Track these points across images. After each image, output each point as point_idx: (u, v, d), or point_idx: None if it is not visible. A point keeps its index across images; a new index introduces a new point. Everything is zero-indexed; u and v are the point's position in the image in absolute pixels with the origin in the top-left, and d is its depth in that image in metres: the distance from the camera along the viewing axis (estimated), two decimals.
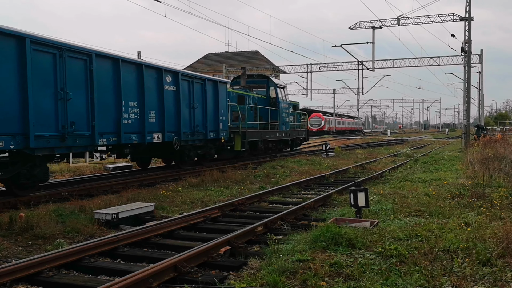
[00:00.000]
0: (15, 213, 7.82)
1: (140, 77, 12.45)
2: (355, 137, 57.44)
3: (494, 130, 43.38)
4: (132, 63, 12.40)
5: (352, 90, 70.71)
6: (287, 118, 23.14)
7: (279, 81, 24.26)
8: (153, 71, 13.22)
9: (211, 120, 16.03)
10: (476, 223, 6.85)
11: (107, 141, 11.24)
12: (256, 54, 62.78)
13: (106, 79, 11.18)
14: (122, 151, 12.92)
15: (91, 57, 10.59)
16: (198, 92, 15.34)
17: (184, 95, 14.48)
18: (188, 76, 15.00)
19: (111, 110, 11.39)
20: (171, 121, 13.77)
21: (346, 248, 5.69)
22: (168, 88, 13.69)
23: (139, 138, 12.42)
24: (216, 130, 16.45)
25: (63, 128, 9.75)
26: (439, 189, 10.43)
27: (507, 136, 18.28)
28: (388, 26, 35.98)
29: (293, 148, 25.63)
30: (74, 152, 10.56)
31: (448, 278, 4.62)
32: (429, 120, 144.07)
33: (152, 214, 8.48)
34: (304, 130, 26.54)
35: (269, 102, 21.94)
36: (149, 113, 12.79)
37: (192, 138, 15.09)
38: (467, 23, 27.99)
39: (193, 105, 14.98)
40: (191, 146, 15.51)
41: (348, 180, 13.57)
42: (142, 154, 15.16)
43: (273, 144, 22.11)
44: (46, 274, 5.11)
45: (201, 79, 15.75)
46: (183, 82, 14.48)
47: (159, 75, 13.37)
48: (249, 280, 4.78)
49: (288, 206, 9.34)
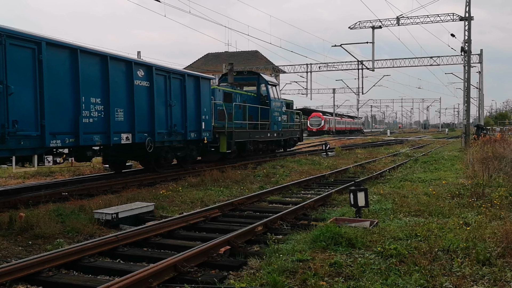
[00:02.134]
0: (15, 212, 7.81)
1: (105, 71, 11.02)
2: (355, 137, 57.44)
3: (494, 130, 43.36)
4: (95, 54, 10.91)
5: (352, 90, 70.77)
6: (280, 117, 22.07)
7: (271, 78, 23.06)
8: (122, 64, 11.79)
9: (191, 119, 14.74)
10: (475, 223, 6.85)
11: (62, 142, 9.74)
12: (256, 54, 62.73)
13: (60, 71, 9.74)
14: (83, 154, 11.07)
15: (40, 45, 9.14)
16: (176, 88, 14.00)
17: (159, 91, 13.13)
18: (163, 70, 13.53)
19: (67, 108, 9.91)
20: (143, 120, 12.42)
21: (346, 248, 5.69)
22: (139, 84, 12.29)
23: (104, 139, 10.99)
24: (198, 130, 15.18)
25: (2, 128, 8.32)
26: (439, 188, 10.43)
27: (507, 136, 18.29)
28: (388, 26, 36.00)
29: (287, 149, 24.47)
30: (19, 155, 9.03)
31: (448, 278, 4.62)
32: (429, 120, 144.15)
33: (152, 214, 8.48)
34: (298, 130, 25.26)
35: (260, 100, 20.88)
36: (116, 111, 11.38)
37: (169, 139, 13.73)
38: (466, 22, 28.00)
39: (170, 103, 13.58)
40: (168, 148, 14.24)
41: (348, 180, 13.56)
42: (114, 156, 13.89)
43: (264, 145, 20.92)
44: (46, 274, 5.11)
45: (179, 74, 14.38)
46: (158, 77, 13.11)
47: (129, 69, 11.94)
48: (249, 280, 4.78)
49: (288, 206, 9.34)
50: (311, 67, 48.67)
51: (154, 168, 14.35)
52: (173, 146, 14.37)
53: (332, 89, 77.73)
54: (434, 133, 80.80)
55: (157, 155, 13.92)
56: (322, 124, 66.89)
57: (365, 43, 37.31)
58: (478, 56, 41.88)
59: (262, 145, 20.66)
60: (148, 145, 12.51)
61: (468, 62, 28.38)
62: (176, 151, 14.86)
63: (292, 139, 24.49)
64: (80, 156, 11.15)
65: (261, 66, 55.78)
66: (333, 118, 72.95)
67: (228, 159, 18.33)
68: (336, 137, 57.80)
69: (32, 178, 13.97)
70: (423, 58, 43.74)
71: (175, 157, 15.22)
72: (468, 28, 27.91)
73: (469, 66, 28.48)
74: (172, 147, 14.38)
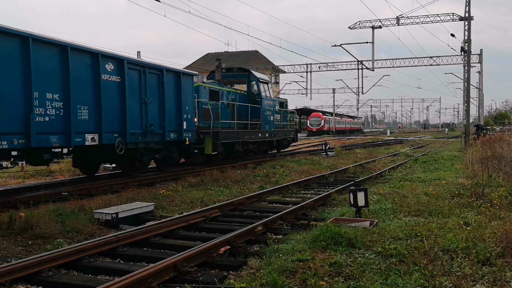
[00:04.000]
0: (14, 212, 7.81)
1: (65, 63, 9.81)
2: (354, 137, 57.45)
3: (494, 129, 43.38)
4: (52, 44, 9.67)
5: (352, 90, 70.72)
6: (272, 116, 20.99)
7: (263, 75, 21.81)
8: (86, 56, 10.55)
9: (171, 118, 13.59)
10: (475, 222, 6.85)
11: (9, 144, 8.58)
12: (256, 54, 62.73)
13: (7, 63, 8.65)
14: (38, 157, 9.75)
15: None
16: (153, 84, 12.86)
17: (132, 87, 11.94)
18: (137, 64, 12.36)
19: (15, 104, 8.76)
20: (112, 119, 11.24)
21: (345, 248, 5.69)
22: (108, 78, 11.08)
23: (63, 140, 9.80)
24: (178, 131, 14.02)
25: None
26: (439, 188, 10.43)
27: (506, 135, 18.27)
28: (387, 26, 36.02)
29: (280, 150, 23.42)
30: None
31: (448, 278, 4.62)
32: (429, 120, 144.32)
33: (152, 213, 8.48)
34: (292, 130, 24.17)
35: (250, 98, 19.82)
36: (79, 108, 10.20)
37: (144, 139, 12.55)
38: (466, 22, 28.00)
39: (145, 100, 12.42)
40: (144, 150, 13.05)
41: (348, 179, 13.56)
42: (84, 159, 12.77)
43: (254, 146, 19.76)
44: (46, 274, 5.11)
45: (156, 69, 13.16)
46: (131, 72, 11.93)
47: (95, 62, 10.73)
48: (248, 280, 4.78)
49: (288, 205, 9.34)
50: (311, 67, 48.71)
51: (128, 171, 13.23)
52: (149, 148, 13.23)
53: (332, 89, 77.80)
54: (434, 133, 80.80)
55: (131, 158, 12.79)
56: (322, 124, 66.94)
57: (365, 43, 37.35)
58: (478, 56, 41.91)
59: (252, 146, 19.56)
60: (118, 146, 11.33)
61: (468, 62, 28.38)
62: (154, 153, 13.74)
63: (286, 140, 23.57)
64: (36, 159, 9.88)
65: (261, 66, 55.79)
66: (333, 118, 72.97)
67: (214, 161, 17.19)
68: (336, 137, 57.81)
69: (32, 178, 13.96)
70: (423, 58, 43.82)
71: (153, 159, 14.23)
72: (468, 28, 27.91)
73: (469, 66, 28.49)
74: (149, 148, 13.22)
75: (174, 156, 14.70)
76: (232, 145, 17.59)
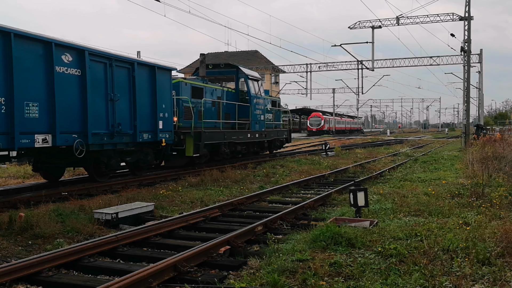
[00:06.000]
0: (14, 212, 7.81)
1: (7, 52, 8.56)
2: (354, 137, 57.45)
3: (494, 129, 43.39)
4: None
5: (352, 90, 70.79)
6: (262, 115, 19.80)
7: (253, 72, 20.45)
8: (37, 46, 9.26)
9: (144, 117, 12.36)
10: (475, 222, 6.85)
11: None
12: (255, 53, 62.77)
13: None
14: None
15: None
16: (122, 79, 11.57)
17: (95, 82, 10.65)
18: (102, 56, 11.00)
19: None
20: (70, 117, 9.94)
21: (345, 248, 5.69)
22: (65, 71, 9.78)
23: (5, 141, 8.58)
24: (153, 131, 12.81)
25: None
26: (439, 188, 10.43)
27: (506, 135, 18.28)
28: (387, 26, 36.03)
29: (272, 151, 22.33)
30: None
31: (448, 278, 4.62)
32: (429, 120, 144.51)
33: (152, 213, 8.48)
34: (285, 130, 23.21)
35: (239, 96, 18.69)
36: (27, 105, 9.00)
37: (111, 141, 11.24)
38: (466, 22, 28.00)
39: (112, 97, 11.15)
40: (112, 152, 11.79)
41: (348, 179, 13.56)
42: (44, 163, 11.67)
43: (243, 147, 18.58)
44: (46, 274, 5.11)
45: (126, 62, 11.83)
46: (94, 65, 10.64)
47: (47, 52, 9.40)
48: (248, 280, 4.78)
49: (288, 205, 9.34)
50: (310, 66, 48.74)
51: (93, 176, 11.91)
52: (118, 150, 11.95)
53: (332, 89, 77.83)
54: (434, 133, 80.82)
55: (96, 161, 11.53)
56: (322, 124, 66.97)
57: (365, 43, 37.36)
58: (478, 56, 41.92)
59: (241, 147, 18.38)
60: (77, 149, 10.02)
61: (468, 62, 28.39)
62: (124, 155, 12.47)
63: (278, 140, 22.45)
64: None
65: (261, 66, 55.81)
66: (333, 118, 72.99)
67: (198, 164, 15.98)
68: (336, 137, 57.82)
69: (32, 178, 13.95)
70: (423, 58, 43.85)
71: (124, 162, 12.93)
72: (468, 27, 27.92)
73: (468, 66, 28.49)
74: (118, 151, 11.96)
75: (148, 159, 13.46)
76: (218, 147, 16.52)
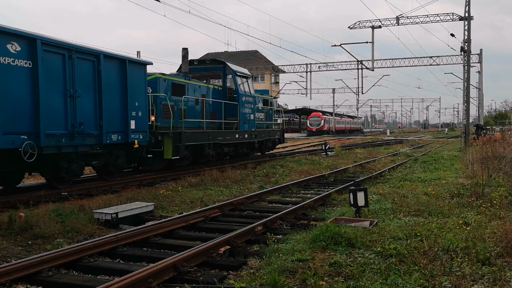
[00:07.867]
0: (14, 212, 7.81)
1: None
2: (354, 137, 57.47)
3: (494, 129, 43.39)
4: None
5: (352, 90, 70.79)
6: (252, 115, 18.62)
7: (241, 68, 19.06)
8: None
9: (112, 116, 11.21)
10: (475, 222, 6.85)
11: None
12: (255, 53, 62.79)
13: None
14: None
15: None
16: (86, 73, 10.42)
17: (51, 75, 9.47)
18: (59, 47, 9.78)
19: None
20: (17, 115, 8.83)
21: (345, 248, 5.69)
22: (11, 63, 8.63)
23: None
24: (124, 131, 11.64)
25: None
26: (439, 188, 10.43)
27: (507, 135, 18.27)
28: (387, 25, 36.05)
29: (264, 152, 21.15)
30: None
31: (448, 278, 4.62)
32: (429, 120, 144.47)
33: (152, 213, 8.48)
34: (278, 130, 22.12)
35: (226, 94, 17.53)
36: None
37: (71, 143, 10.04)
38: (466, 22, 28.00)
39: (72, 93, 9.98)
40: (73, 155, 10.54)
41: (348, 179, 13.57)
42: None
43: (230, 148, 17.40)
44: (46, 274, 5.11)
45: (91, 54, 10.65)
46: (50, 56, 9.47)
47: None
48: (248, 280, 4.78)
49: (288, 205, 9.34)
50: (310, 66, 48.78)
51: (52, 182, 10.68)
52: (81, 153, 10.76)
53: (332, 89, 77.83)
54: (433, 133, 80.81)
55: (55, 166, 10.28)
56: (321, 124, 66.98)
57: (365, 43, 37.38)
58: (478, 55, 41.94)
59: (228, 149, 17.21)
60: (27, 152, 8.81)
61: (468, 62, 28.39)
62: (89, 159, 11.29)
63: (270, 141, 21.30)
64: None
65: (261, 66, 55.83)
66: (332, 118, 73.00)
67: (179, 167, 14.91)
68: (336, 136, 57.83)
69: (32, 178, 13.95)
70: (423, 58, 43.89)
71: (90, 166, 11.88)
72: (468, 27, 27.92)
73: (468, 66, 28.49)
74: (80, 154, 10.75)
75: (119, 163, 12.23)
76: (201, 148, 15.28)
